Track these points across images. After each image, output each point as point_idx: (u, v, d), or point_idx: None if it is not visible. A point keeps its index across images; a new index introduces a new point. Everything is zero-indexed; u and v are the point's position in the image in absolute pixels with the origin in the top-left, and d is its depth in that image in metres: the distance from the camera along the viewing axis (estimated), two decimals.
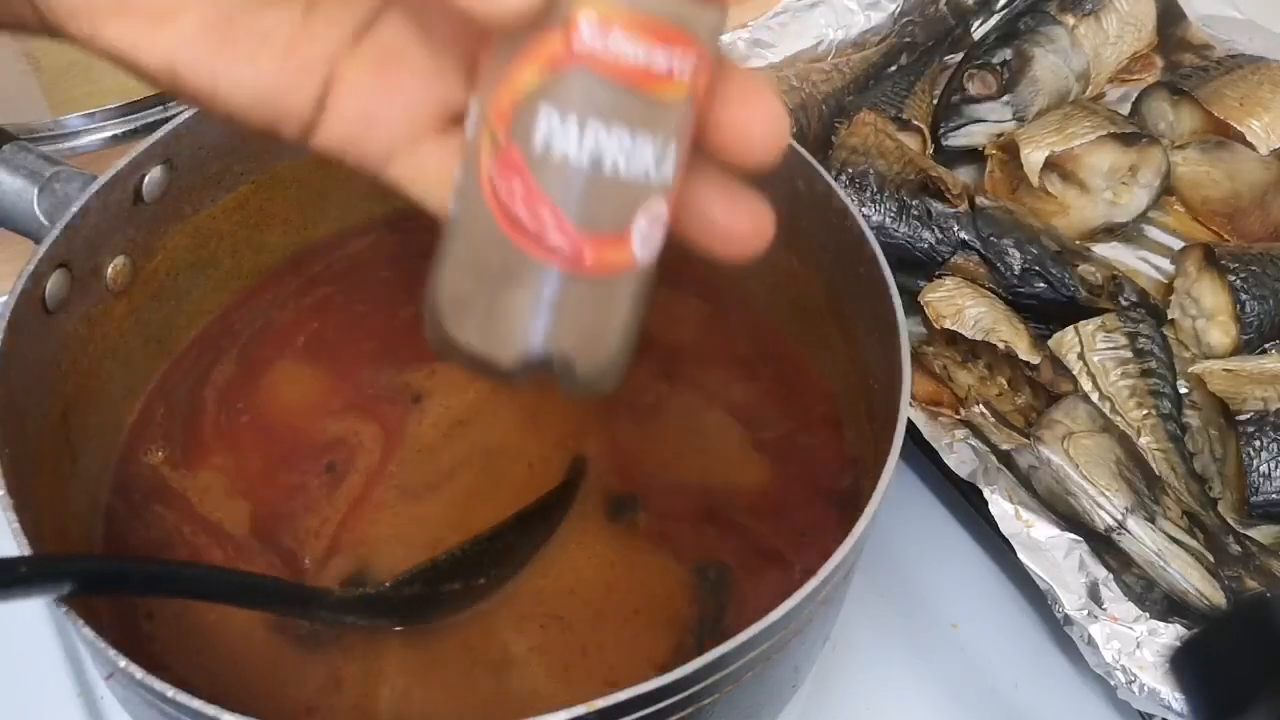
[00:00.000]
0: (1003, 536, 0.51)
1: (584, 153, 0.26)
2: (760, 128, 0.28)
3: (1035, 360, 0.56)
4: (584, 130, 0.26)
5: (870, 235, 0.41)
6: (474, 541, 0.41)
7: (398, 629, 0.40)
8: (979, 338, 0.56)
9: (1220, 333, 0.60)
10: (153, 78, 0.29)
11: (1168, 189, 0.68)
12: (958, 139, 0.70)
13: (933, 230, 0.61)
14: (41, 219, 0.43)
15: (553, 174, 0.26)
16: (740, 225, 0.30)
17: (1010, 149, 0.67)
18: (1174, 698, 0.46)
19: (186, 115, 0.44)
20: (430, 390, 0.48)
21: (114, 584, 0.34)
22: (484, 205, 0.27)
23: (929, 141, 0.69)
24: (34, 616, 0.51)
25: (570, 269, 0.27)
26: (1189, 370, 0.59)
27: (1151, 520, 0.50)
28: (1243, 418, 0.54)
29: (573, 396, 0.29)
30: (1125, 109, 0.71)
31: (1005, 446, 0.54)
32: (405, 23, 0.30)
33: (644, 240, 0.28)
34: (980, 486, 0.52)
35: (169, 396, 0.48)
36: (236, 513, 0.44)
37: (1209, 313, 0.61)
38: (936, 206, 0.62)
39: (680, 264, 0.29)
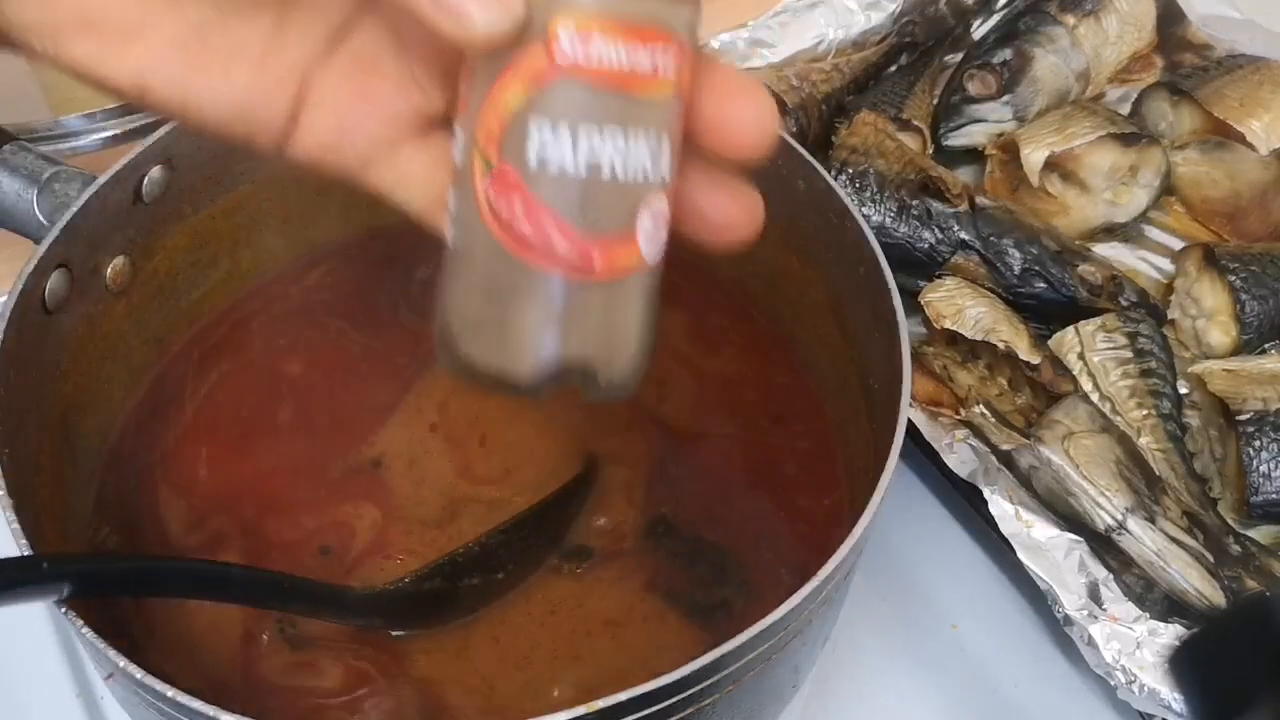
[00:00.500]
0: (1003, 536, 0.51)
1: (580, 161, 0.26)
2: (751, 120, 0.28)
3: (1035, 360, 0.56)
4: (577, 139, 0.26)
5: (870, 235, 0.41)
6: (490, 534, 0.41)
7: (412, 632, 0.40)
8: (979, 338, 0.56)
9: (1220, 333, 0.60)
10: (120, 93, 0.28)
11: (1168, 189, 0.68)
12: (958, 139, 0.70)
13: (933, 230, 0.61)
14: (41, 219, 0.43)
15: (551, 186, 0.26)
16: (732, 215, 0.30)
17: (1010, 149, 0.67)
18: (1174, 698, 0.46)
19: None
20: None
21: (125, 583, 0.33)
22: (484, 226, 0.27)
23: (929, 141, 0.69)
24: (34, 616, 0.51)
25: (580, 276, 0.27)
26: (1189, 370, 0.59)
27: (1151, 520, 0.50)
28: (1243, 418, 0.54)
29: (595, 403, 0.29)
30: (1125, 109, 0.71)
31: (1005, 446, 0.54)
32: (378, 31, 0.29)
33: (649, 238, 0.28)
34: (980, 486, 0.52)
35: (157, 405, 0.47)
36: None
37: (1209, 313, 0.61)
38: (936, 206, 0.62)
39: (678, 265, 0.29)
